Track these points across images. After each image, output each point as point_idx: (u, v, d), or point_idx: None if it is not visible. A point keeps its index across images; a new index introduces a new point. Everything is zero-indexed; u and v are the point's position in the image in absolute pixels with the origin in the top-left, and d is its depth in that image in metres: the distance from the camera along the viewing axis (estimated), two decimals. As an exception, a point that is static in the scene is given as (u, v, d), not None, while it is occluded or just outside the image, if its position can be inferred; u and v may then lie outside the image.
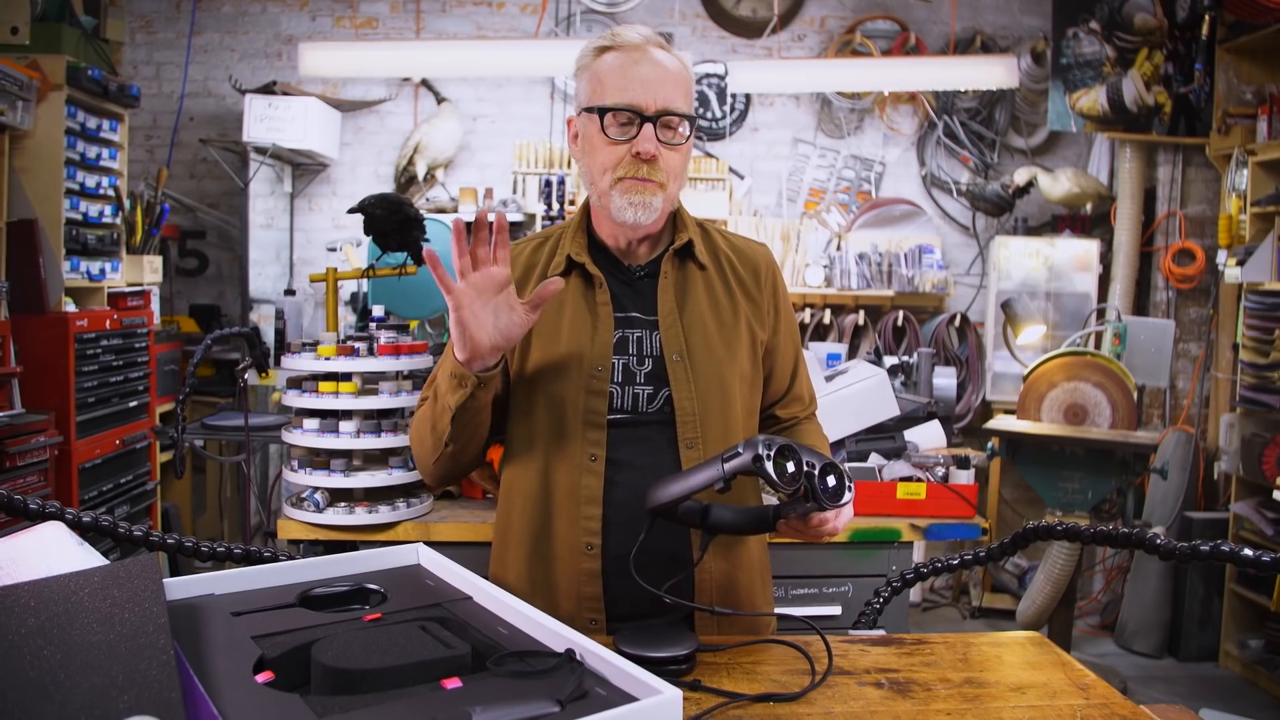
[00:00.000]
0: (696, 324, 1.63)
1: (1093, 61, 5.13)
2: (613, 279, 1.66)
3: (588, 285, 1.65)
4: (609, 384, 1.59)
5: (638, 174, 1.55)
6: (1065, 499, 3.92)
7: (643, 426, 1.59)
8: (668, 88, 1.55)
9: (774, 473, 1.30)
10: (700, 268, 1.67)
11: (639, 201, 1.56)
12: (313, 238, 5.56)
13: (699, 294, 1.65)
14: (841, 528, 1.47)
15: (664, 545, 1.54)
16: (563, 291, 1.60)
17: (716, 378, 1.61)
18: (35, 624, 0.98)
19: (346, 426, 2.31)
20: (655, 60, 1.57)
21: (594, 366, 1.59)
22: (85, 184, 3.95)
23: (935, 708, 1.23)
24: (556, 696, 0.96)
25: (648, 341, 1.62)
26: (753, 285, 1.70)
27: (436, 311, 3.72)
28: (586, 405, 1.58)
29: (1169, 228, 5.28)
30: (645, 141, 1.54)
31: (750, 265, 1.72)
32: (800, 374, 1.80)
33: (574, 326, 1.61)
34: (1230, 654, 4.50)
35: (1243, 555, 1.32)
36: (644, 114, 1.54)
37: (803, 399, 1.81)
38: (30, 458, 3.40)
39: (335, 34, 5.54)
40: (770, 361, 1.73)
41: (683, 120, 1.57)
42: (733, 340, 1.64)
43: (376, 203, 2.77)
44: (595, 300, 1.63)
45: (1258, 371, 4.36)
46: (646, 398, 1.59)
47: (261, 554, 1.55)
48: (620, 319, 1.63)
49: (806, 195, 5.67)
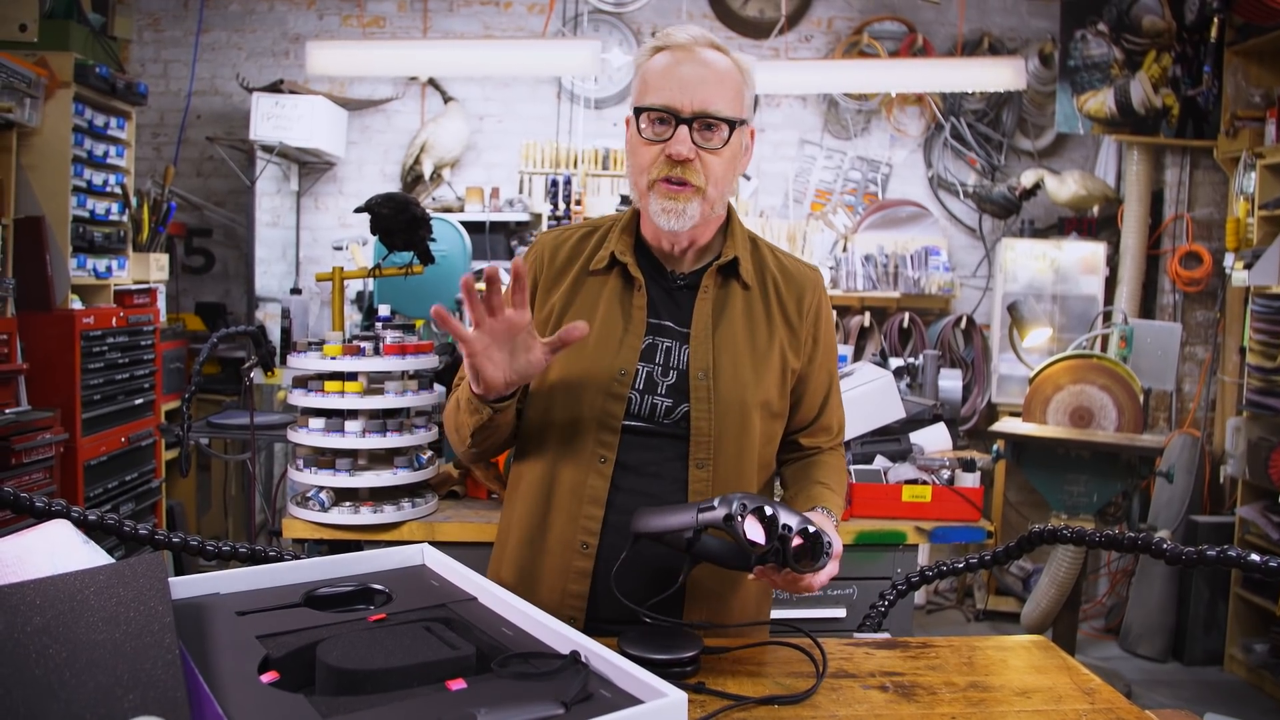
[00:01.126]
0: (728, 345, 1.59)
1: (1100, 64, 5.12)
2: (653, 283, 1.62)
3: (627, 286, 1.62)
4: (630, 390, 1.56)
5: (671, 176, 1.51)
6: (1070, 502, 3.92)
7: (657, 437, 1.57)
8: (709, 89, 1.51)
9: (744, 534, 1.29)
10: (744, 286, 1.63)
11: (671, 208, 1.52)
12: (319, 236, 5.56)
13: (736, 314, 1.61)
14: (819, 585, 1.40)
15: (656, 555, 1.54)
16: (601, 288, 1.60)
17: (738, 402, 1.57)
18: (41, 622, 0.98)
19: (352, 426, 2.31)
20: (700, 60, 1.54)
21: (618, 370, 1.56)
22: (92, 181, 3.96)
23: (940, 711, 1.22)
24: (561, 698, 0.96)
25: (676, 354, 1.59)
26: (794, 312, 1.65)
27: (442, 311, 3.72)
28: (604, 408, 1.56)
29: (1176, 231, 5.27)
30: (678, 143, 1.50)
31: (796, 290, 1.67)
32: (831, 404, 1.74)
33: (606, 326, 1.59)
34: (1235, 658, 4.48)
35: (1250, 560, 1.32)
36: (679, 115, 1.50)
37: (830, 430, 1.75)
38: (36, 455, 3.40)
39: (342, 33, 5.55)
40: (801, 389, 1.68)
41: (724, 124, 1.52)
42: (763, 367, 1.60)
43: (383, 202, 2.77)
44: (632, 303, 1.60)
45: (1264, 375, 4.35)
46: (665, 410, 1.57)
47: (267, 553, 1.55)
48: (653, 325, 1.60)
49: (813, 196, 5.67)
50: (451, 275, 3.35)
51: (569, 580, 1.57)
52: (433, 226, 2.94)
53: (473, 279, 1.37)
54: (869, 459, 2.85)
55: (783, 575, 1.38)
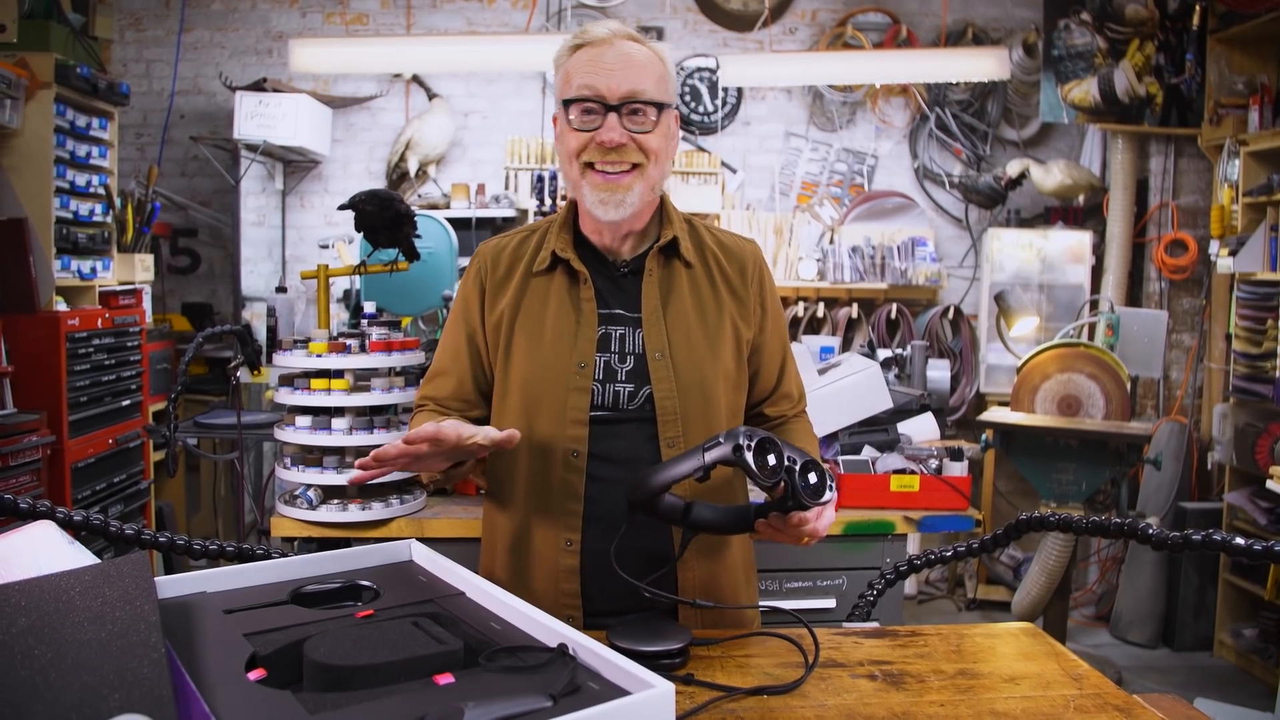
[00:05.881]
0: (680, 322, 1.62)
1: (1084, 53, 5.13)
2: (597, 275, 1.65)
3: (572, 281, 1.64)
4: (591, 381, 1.58)
5: (606, 161, 1.54)
6: (1059, 490, 3.93)
7: (624, 424, 1.59)
8: (632, 74, 1.54)
9: (754, 464, 1.29)
10: (686, 265, 1.66)
11: (609, 199, 1.55)
12: (304, 235, 5.55)
13: (683, 292, 1.64)
14: (823, 530, 1.43)
15: (644, 541, 1.55)
16: (547, 287, 1.63)
17: (698, 376, 1.60)
18: (26, 623, 0.98)
19: (339, 423, 2.31)
20: (621, 50, 1.56)
21: (577, 364, 1.58)
22: (75, 182, 3.94)
23: (928, 699, 1.23)
24: (549, 691, 0.96)
25: (630, 339, 1.61)
26: (739, 283, 1.68)
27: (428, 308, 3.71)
28: (569, 402, 1.58)
29: (1161, 219, 5.29)
30: (608, 130, 1.53)
31: (737, 262, 1.70)
32: (788, 371, 1.77)
33: (558, 323, 1.61)
34: (1225, 643, 4.51)
35: (1234, 544, 1.32)
36: (607, 102, 1.53)
37: (791, 396, 1.78)
38: (22, 457, 3.38)
39: (325, 30, 5.52)
40: (757, 359, 1.72)
41: (651, 106, 1.55)
42: (716, 339, 1.63)
43: (367, 199, 2.76)
44: (580, 297, 1.63)
45: (1250, 361, 4.37)
46: (628, 395, 1.59)
47: (255, 551, 1.55)
48: (604, 315, 1.62)
49: (799, 189, 5.67)
50: (437, 272, 3.34)
51: (560, 580, 1.58)
52: (417, 223, 2.93)
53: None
54: (857, 449, 2.85)
55: (787, 523, 1.40)
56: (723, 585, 1.64)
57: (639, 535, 1.45)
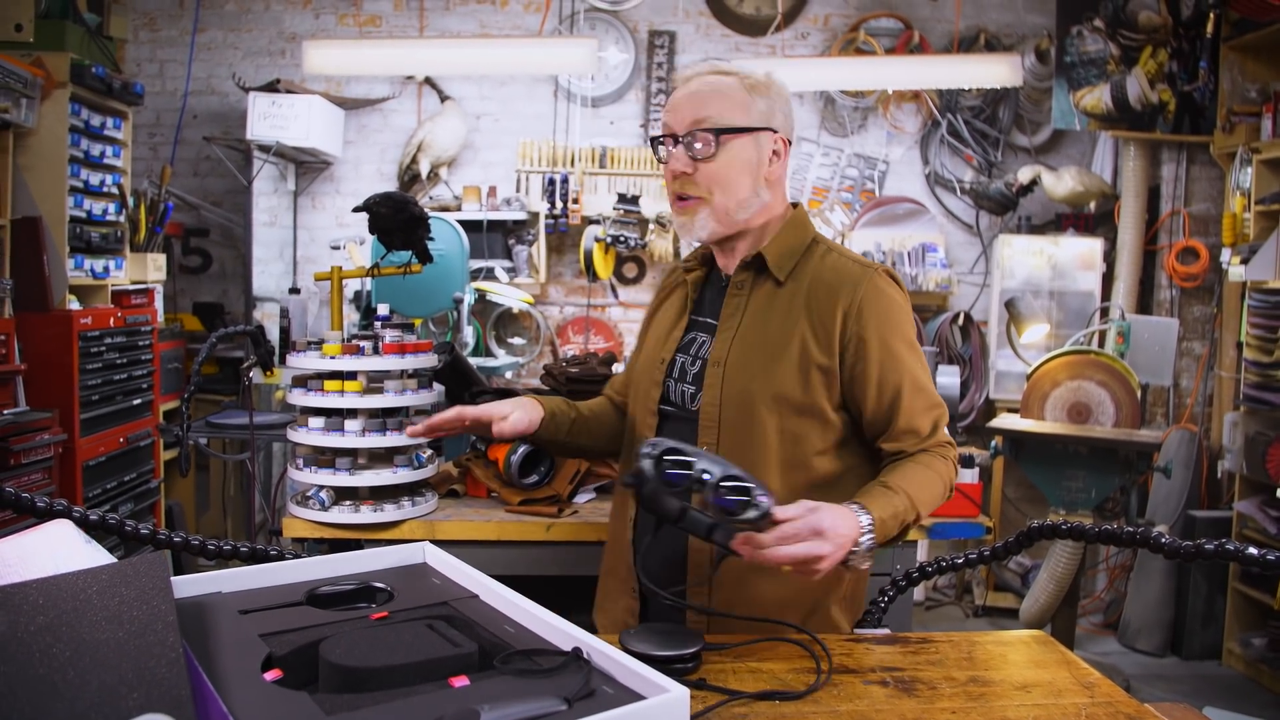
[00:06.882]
0: (745, 336, 1.66)
1: (1097, 59, 5.12)
2: (710, 285, 1.80)
3: (691, 289, 1.81)
4: (666, 377, 1.73)
5: (677, 191, 1.68)
6: (1069, 498, 3.92)
7: (683, 422, 1.70)
8: (699, 104, 1.64)
9: (651, 470, 1.31)
10: (777, 283, 1.67)
11: (684, 223, 1.68)
12: (316, 236, 5.56)
13: (759, 307, 1.68)
14: (789, 557, 1.33)
15: (668, 544, 1.58)
16: (677, 293, 1.84)
17: (744, 390, 1.63)
18: (44, 621, 0.98)
19: (351, 425, 2.31)
20: (694, 84, 1.68)
21: (659, 359, 1.75)
22: (89, 182, 3.96)
23: (940, 706, 1.23)
24: (564, 695, 0.97)
25: (705, 346, 1.71)
26: (825, 308, 1.62)
27: (441, 310, 3.72)
28: (650, 393, 1.74)
29: (1173, 226, 5.28)
30: (674, 162, 1.66)
31: (832, 288, 1.63)
32: (904, 406, 1.62)
33: (665, 324, 1.81)
34: (1234, 652, 4.49)
35: (1247, 554, 1.32)
36: (674, 135, 1.66)
37: (917, 433, 1.64)
38: (34, 455, 3.40)
39: (339, 32, 5.54)
40: (855, 391, 1.63)
41: (709, 133, 1.63)
42: (777, 357, 1.61)
43: (381, 201, 2.77)
44: (685, 301, 1.80)
45: (1261, 370, 4.35)
46: (690, 396, 1.70)
47: (267, 552, 1.55)
48: (695, 321, 1.77)
49: (810, 194, 5.67)
50: (449, 274, 3.35)
51: (625, 554, 1.75)
52: (431, 226, 2.94)
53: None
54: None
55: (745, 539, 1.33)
56: (753, 585, 1.62)
57: (665, 538, 1.51)
